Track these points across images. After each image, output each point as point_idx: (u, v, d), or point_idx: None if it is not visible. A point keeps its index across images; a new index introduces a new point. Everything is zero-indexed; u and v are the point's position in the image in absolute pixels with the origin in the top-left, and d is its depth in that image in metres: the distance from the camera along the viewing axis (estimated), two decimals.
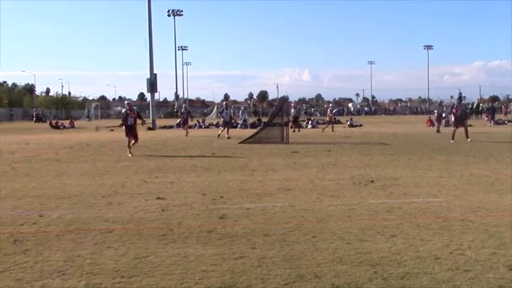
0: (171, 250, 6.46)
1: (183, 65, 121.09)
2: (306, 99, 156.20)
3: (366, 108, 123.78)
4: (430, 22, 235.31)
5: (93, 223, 8.03)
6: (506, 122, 49.43)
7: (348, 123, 47.82)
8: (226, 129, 30.15)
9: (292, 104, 34.27)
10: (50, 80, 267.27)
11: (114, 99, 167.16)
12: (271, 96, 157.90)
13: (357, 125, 46.62)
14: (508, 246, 6.46)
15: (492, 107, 53.88)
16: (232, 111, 38.63)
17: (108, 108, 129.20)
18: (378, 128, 40.89)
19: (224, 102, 36.28)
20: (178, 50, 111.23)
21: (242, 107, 69.15)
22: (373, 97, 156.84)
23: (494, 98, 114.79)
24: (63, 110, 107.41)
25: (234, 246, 6.59)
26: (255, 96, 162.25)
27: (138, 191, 11.00)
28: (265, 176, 13.10)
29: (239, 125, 43.85)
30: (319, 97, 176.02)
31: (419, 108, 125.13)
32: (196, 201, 9.68)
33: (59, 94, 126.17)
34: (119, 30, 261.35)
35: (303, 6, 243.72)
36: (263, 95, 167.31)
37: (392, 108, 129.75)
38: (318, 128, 44.34)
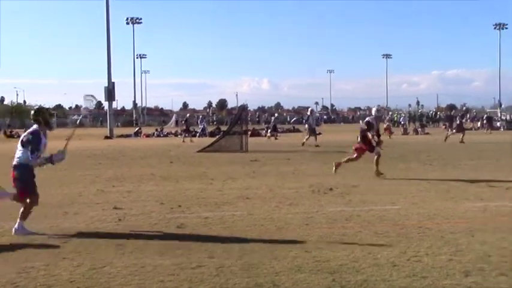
0: (128, 260, 6.36)
1: (141, 73, 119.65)
2: (266, 108, 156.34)
3: (325, 117, 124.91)
4: (389, 31, 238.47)
5: (48, 233, 7.86)
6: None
7: None
8: (313, 136, 29.96)
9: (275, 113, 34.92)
10: (4, 88, 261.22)
11: (70, 107, 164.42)
12: (231, 104, 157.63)
13: (317, 134, 46.79)
14: (464, 252, 6.56)
15: (450, 115, 54.90)
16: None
17: (65, 117, 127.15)
18: (337, 136, 41.19)
19: (310, 110, 35.92)
20: (137, 58, 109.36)
21: (201, 116, 68.75)
22: (332, 105, 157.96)
23: (452, 107, 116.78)
24: (18, 119, 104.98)
25: (192, 256, 6.52)
26: (214, 105, 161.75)
27: (95, 200, 10.84)
28: (224, 184, 13.05)
29: (198, 134, 43.68)
30: (278, 105, 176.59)
31: None
32: (154, 211, 9.58)
33: (14, 103, 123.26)
34: (76, 38, 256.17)
35: (262, 15, 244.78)
36: (222, 104, 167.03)
37: (351, 116, 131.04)
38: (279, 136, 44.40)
